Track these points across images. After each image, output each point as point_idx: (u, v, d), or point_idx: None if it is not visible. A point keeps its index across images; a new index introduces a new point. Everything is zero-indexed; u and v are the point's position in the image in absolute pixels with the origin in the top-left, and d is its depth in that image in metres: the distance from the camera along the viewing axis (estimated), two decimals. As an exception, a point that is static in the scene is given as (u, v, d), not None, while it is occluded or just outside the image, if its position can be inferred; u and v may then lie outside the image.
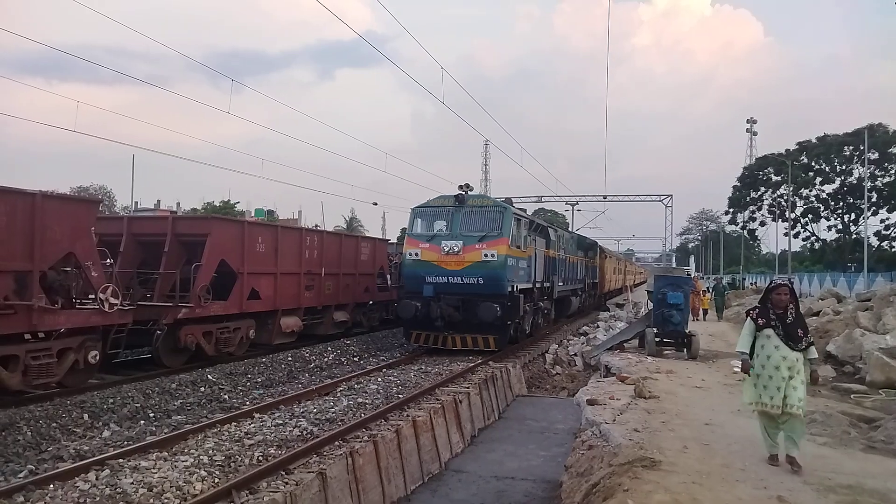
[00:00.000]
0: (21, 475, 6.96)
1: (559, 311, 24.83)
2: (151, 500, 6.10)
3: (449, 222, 16.40)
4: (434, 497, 8.78)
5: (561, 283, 22.96)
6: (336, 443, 8.28)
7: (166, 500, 6.13)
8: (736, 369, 6.81)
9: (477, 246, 15.58)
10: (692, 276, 32.88)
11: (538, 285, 19.11)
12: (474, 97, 22.58)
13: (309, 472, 7.10)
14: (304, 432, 8.71)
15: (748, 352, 6.82)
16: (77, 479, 6.63)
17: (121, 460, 7.22)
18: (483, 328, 15.70)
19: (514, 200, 24.48)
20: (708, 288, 33.18)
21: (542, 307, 20.35)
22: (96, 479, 6.61)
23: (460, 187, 16.88)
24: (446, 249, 15.67)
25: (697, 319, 26.58)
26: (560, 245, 23.65)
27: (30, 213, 9.89)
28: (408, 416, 9.89)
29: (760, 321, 6.73)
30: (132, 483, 6.45)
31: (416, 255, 16.03)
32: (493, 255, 15.39)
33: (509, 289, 15.76)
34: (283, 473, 7.08)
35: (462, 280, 15.65)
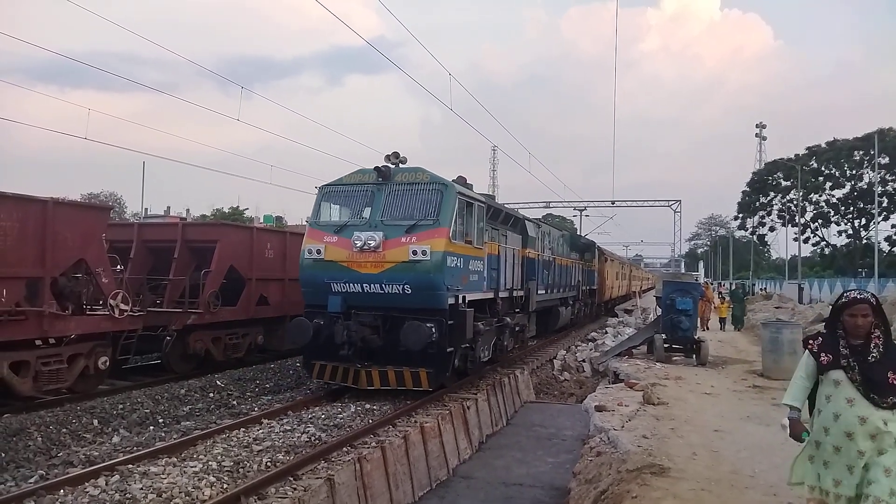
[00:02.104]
0: (32, 480, 7.01)
1: (542, 325, 20.29)
2: (161, 506, 6.13)
3: (367, 206, 11.65)
4: (442, 503, 8.76)
5: (543, 291, 18.47)
6: (344, 448, 8.29)
7: (175, 506, 6.16)
8: (785, 426, 4.46)
9: (403, 240, 10.81)
10: (702, 282, 31.35)
11: (505, 294, 14.57)
12: (482, 103, 22.56)
13: (317, 478, 7.11)
14: (313, 438, 8.73)
15: (800, 405, 4.45)
16: (87, 484, 6.66)
17: (130, 466, 7.25)
18: (413, 358, 10.83)
19: (522, 206, 22.01)
20: (722, 295, 29.75)
21: (512, 324, 15.08)
22: (106, 484, 6.65)
23: (387, 157, 11.79)
24: (359, 244, 10.85)
25: (706, 329, 24.24)
26: (544, 243, 19.39)
27: (41, 220, 9.98)
28: (416, 422, 9.88)
29: (824, 357, 4.21)
30: (142, 488, 6.48)
31: (319, 252, 11.30)
32: (424, 253, 10.63)
33: (451, 300, 11.05)
34: (292, 479, 7.09)
35: (382, 288, 10.86)
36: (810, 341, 4.38)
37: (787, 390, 4.49)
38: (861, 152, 60.76)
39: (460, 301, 11.44)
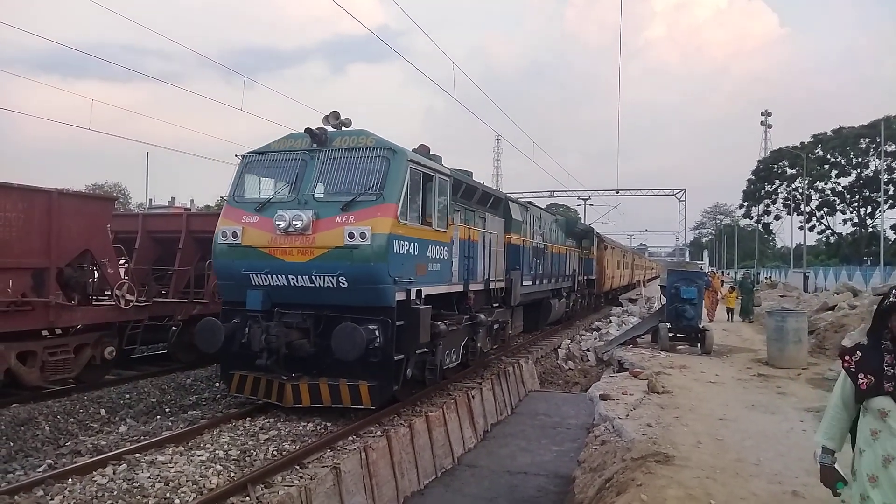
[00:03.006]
0: (40, 469, 7.06)
1: (531, 319, 18.56)
2: (168, 495, 6.17)
3: (297, 178, 9.44)
4: (447, 491, 8.81)
5: (529, 282, 16.55)
6: (350, 437, 8.33)
7: (182, 494, 6.20)
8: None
9: (338, 219, 8.71)
10: (708, 271, 30.51)
11: (479, 287, 12.50)
12: (486, 92, 22.19)
13: (323, 467, 7.15)
14: (318, 427, 8.77)
15: (836, 444, 3.39)
16: (95, 473, 6.70)
17: (137, 455, 7.29)
18: (354, 368, 8.69)
19: (526, 195, 21.33)
20: (732, 285, 27.57)
21: (489, 321, 13.00)
22: (114, 473, 6.69)
23: (326, 118, 9.73)
24: (283, 225, 8.76)
25: (711, 320, 22.58)
26: (532, 228, 17.61)
27: (46, 211, 10.01)
28: (420, 411, 9.92)
29: (864, 380, 3.12)
30: (149, 477, 6.52)
31: (235, 235, 9.19)
32: (364, 236, 8.48)
33: (400, 295, 8.97)
34: (298, 468, 7.13)
35: (312, 281, 8.76)
36: (846, 356, 3.18)
37: (821, 422, 3.36)
38: (867, 140, 60.42)
39: (413, 296, 9.28)
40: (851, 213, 65.36)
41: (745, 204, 74.21)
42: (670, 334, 16.50)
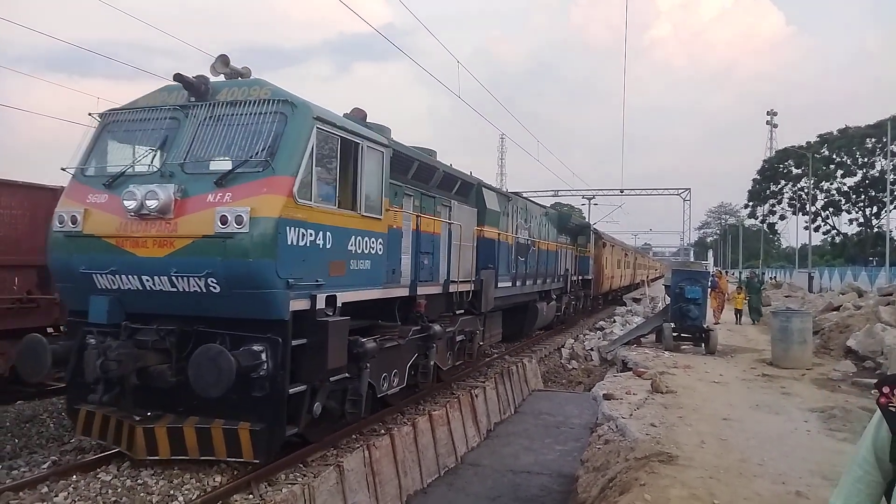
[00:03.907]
0: (45, 466, 7.09)
1: (513, 325, 16.53)
2: (172, 492, 6.19)
3: (164, 142, 7.15)
4: (450, 490, 8.82)
5: (508, 283, 14.29)
6: (353, 436, 8.34)
7: (186, 492, 6.21)
8: None
9: (210, 198, 6.49)
10: (714, 270, 29.81)
11: (434, 290, 10.43)
12: (490, 91, 22.06)
13: (326, 465, 7.16)
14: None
15: None
16: (99, 470, 6.72)
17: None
18: (234, 404, 6.56)
19: (530, 195, 20.83)
20: (739, 285, 26.04)
21: (450, 332, 10.94)
22: (118, 470, 6.71)
23: (213, 66, 7.46)
24: (133, 206, 6.51)
25: (718, 322, 21.64)
26: (515, 221, 15.56)
27: (52, 209, 10.02)
28: (424, 409, 9.93)
29: None
30: (153, 475, 6.53)
31: (74, 220, 6.94)
32: (240, 220, 6.28)
33: (300, 303, 6.73)
34: (302, 465, 7.15)
35: (173, 284, 6.51)
36: (885, 388, 2.13)
37: (839, 484, 2.32)
38: (873, 140, 60.13)
39: (321, 304, 6.97)
40: (857, 213, 65.13)
41: (751, 204, 74.01)
42: (674, 334, 16.46)
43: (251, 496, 6.28)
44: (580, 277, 24.58)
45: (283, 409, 6.58)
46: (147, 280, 6.55)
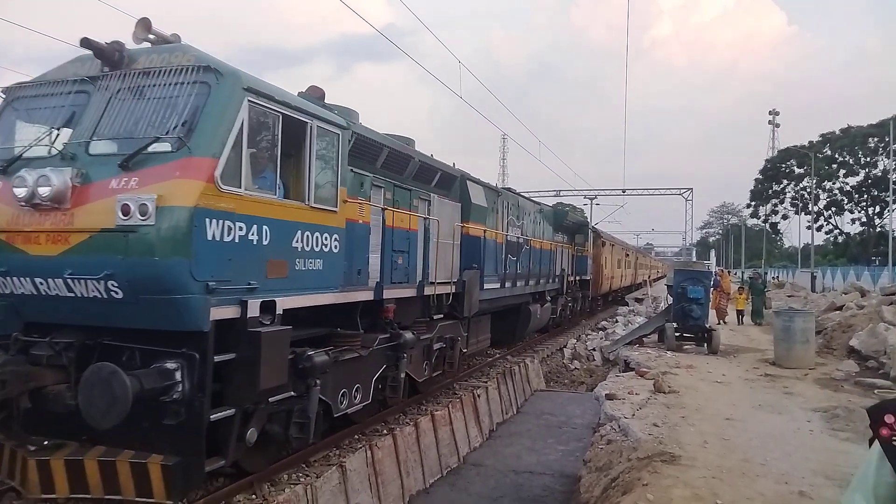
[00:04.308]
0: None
1: (504, 329, 15.69)
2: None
3: (71, 120, 6.09)
4: (453, 490, 8.82)
5: (496, 284, 13.34)
6: (355, 436, 8.36)
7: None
8: None
9: (114, 184, 5.42)
10: (717, 270, 29.37)
11: (407, 293, 9.38)
12: (492, 91, 22.00)
13: (329, 465, 7.17)
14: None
15: None
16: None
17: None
18: (149, 432, 5.54)
19: (532, 195, 19.87)
20: (741, 285, 25.37)
21: (426, 339, 9.97)
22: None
23: (135, 34, 6.23)
24: (23, 194, 5.48)
25: (722, 322, 21.75)
26: (505, 218, 14.61)
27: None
28: (426, 410, 9.93)
29: None
30: (156, 474, 6.53)
31: None
32: (145, 210, 5.20)
33: (225, 311, 5.69)
34: (304, 466, 7.16)
35: (69, 288, 5.44)
36: (886, 417, 1.76)
37: None
38: (876, 139, 60.04)
39: (255, 311, 5.88)
40: (859, 212, 64.98)
41: (753, 203, 73.93)
42: (677, 334, 16.46)
43: (254, 496, 6.29)
44: (578, 278, 23.44)
45: (202, 438, 5.44)
46: (41, 283, 5.49)
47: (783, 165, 69.10)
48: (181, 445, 5.44)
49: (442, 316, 10.74)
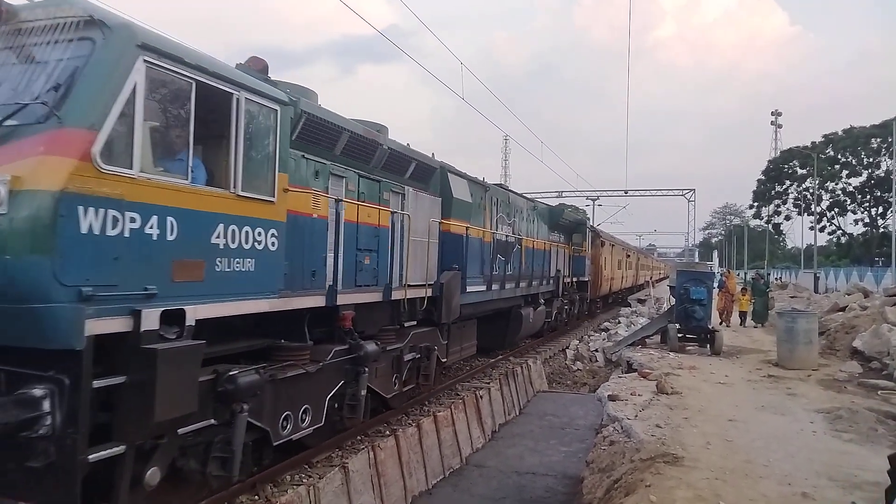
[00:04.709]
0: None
1: (493, 335, 14.75)
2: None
3: None
4: (455, 491, 8.81)
5: (481, 287, 12.31)
6: (358, 437, 8.36)
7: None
8: None
9: None
10: (723, 271, 28.95)
11: (370, 298, 8.32)
12: (494, 92, 21.93)
13: (332, 466, 7.17)
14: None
15: None
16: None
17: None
18: (10, 477, 4.36)
19: (534, 196, 19.54)
20: (744, 286, 24.78)
21: (395, 350, 8.95)
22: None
23: None
24: None
25: (725, 322, 21.54)
26: (494, 215, 13.59)
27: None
28: (428, 411, 9.93)
29: None
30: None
31: None
32: None
33: (108, 324, 4.46)
34: (307, 467, 7.17)
35: None
36: None
37: None
38: (878, 140, 59.92)
39: (153, 324, 4.78)
40: (862, 213, 64.86)
41: (756, 204, 73.81)
42: (679, 335, 16.44)
43: (257, 497, 6.30)
44: (575, 279, 22.41)
45: (75, 484, 4.29)
46: None
47: (786, 166, 69.01)
48: (51, 493, 4.31)
49: (415, 323, 9.73)
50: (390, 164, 9.26)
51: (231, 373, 5.57)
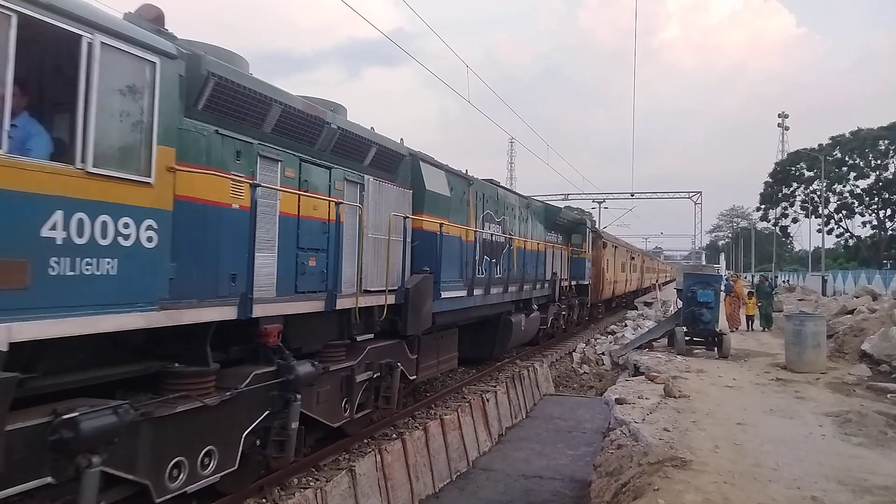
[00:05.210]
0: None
1: (481, 344, 13.83)
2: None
3: None
4: (462, 495, 8.80)
5: (461, 292, 10.86)
6: (365, 440, 8.36)
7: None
8: None
9: None
10: (729, 274, 28.59)
11: (311, 308, 6.93)
12: (500, 94, 21.87)
13: (339, 469, 7.18)
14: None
15: None
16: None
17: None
18: None
19: (540, 198, 18.96)
20: (750, 290, 24.18)
21: (350, 369, 7.70)
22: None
23: None
24: None
25: (735, 329, 20.64)
26: (479, 211, 12.47)
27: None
28: (435, 414, 9.93)
29: None
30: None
31: None
32: None
33: None
34: (314, 470, 7.17)
35: None
36: None
37: None
38: (886, 142, 59.72)
39: None
40: (870, 215, 64.56)
41: (763, 206, 73.61)
42: (687, 338, 16.39)
43: (264, 500, 6.30)
44: (574, 282, 21.25)
45: None
46: None
47: (793, 168, 68.80)
48: None
49: (372, 336, 8.38)
50: (343, 148, 7.91)
51: (68, 417, 4.10)
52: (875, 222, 64.34)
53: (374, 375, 8.32)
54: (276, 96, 6.54)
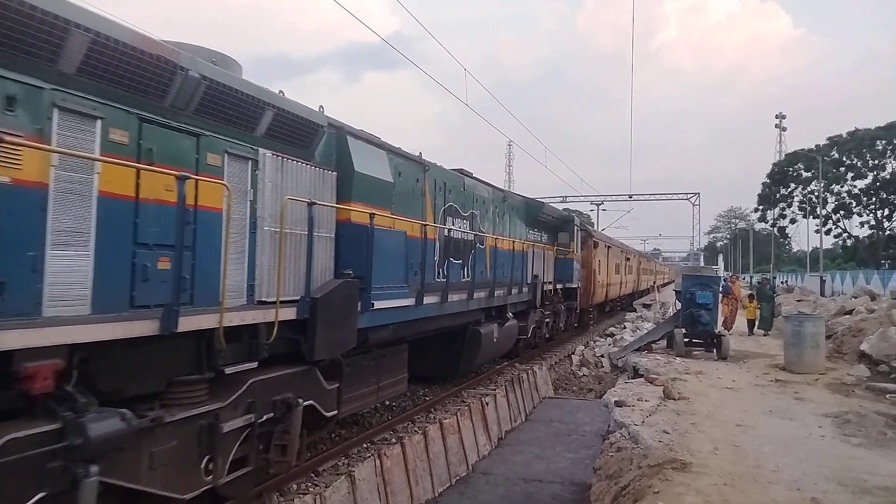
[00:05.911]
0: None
1: (440, 361, 12.01)
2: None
3: None
4: (462, 499, 8.79)
5: (408, 300, 8.94)
6: (364, 445, 8.34)
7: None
8: None
9: None
10: (728, 275, 28.36)
11: (140, 331, 4.59)
12: (498, 97, 21.89)
13: (338, 474, 7.16)
14: (332, 434, 8.78)
15: None
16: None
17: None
18: None
19: (538, 200, 18.69)
20: (750, 292, 23.34)
21: (214, 416, 5.34)
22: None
23: None
24: None
25: (728, 331, 19.10)
26: (440, 203, 10.80)
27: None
28: (434, 418, 9.91)
29: None
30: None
31: None
32: None
33: None
34: (313, 475, 7.16)
35: None
36: None
37: None
38: (884, 142, 59.78)
39: None
40: (868, 215, 64.61)
41: (761, 207, 73.65)
42: (686, 340, 16.38)
43: (263, 506, 6.28)
44: (560, 286, 19.12)
45: None
46: None
47: (790, 169, 68.86)
48: None
49: (256, 365, 5.98)
50: (217, 109, 5.78)
51: None
52: (873, 222, 64.41)
53: (262, 419, 6.01)
54: (78, 19, 4.47)
